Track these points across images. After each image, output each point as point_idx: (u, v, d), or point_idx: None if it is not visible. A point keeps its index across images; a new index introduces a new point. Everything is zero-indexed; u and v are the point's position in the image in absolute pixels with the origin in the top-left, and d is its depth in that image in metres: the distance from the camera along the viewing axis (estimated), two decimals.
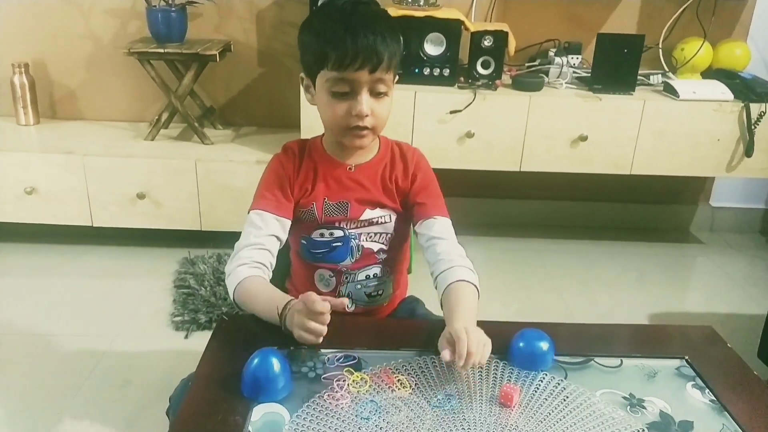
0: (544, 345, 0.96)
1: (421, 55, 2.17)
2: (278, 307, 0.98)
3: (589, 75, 2.28)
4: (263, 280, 1.08)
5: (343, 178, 1.16)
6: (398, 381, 0.91)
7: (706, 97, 2.21)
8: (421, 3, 2.22)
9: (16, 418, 1.58)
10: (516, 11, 2.48)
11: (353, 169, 1.16)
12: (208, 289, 2.09)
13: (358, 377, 0.91)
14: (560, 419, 0.85)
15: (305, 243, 1.18)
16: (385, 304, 1.26)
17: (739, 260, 2.60)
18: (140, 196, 2.24)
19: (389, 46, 1.04)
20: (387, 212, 1.17)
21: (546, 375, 0.94)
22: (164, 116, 2.38)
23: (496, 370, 0.95)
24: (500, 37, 2.18)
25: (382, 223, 1.17)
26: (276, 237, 1.13)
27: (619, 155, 2.25)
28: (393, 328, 1.15)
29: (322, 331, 0.93)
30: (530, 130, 2.20)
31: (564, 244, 2.65)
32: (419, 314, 1.27)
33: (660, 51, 2.46)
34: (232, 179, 2.23)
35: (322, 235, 1.17)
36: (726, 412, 0.89)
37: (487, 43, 2.18)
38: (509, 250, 2.58)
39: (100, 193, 2.25)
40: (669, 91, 2.26)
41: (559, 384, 0.92)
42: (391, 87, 1.08)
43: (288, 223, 1.15)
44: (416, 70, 2.18)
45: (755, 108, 2.20)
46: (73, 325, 1.97)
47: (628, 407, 0.89)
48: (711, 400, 0.91)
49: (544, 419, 0.85)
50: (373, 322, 1.21)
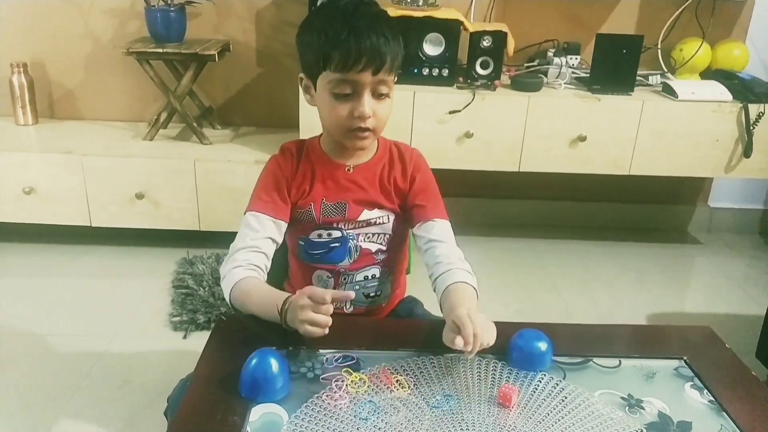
0: (542, 345, 0.96)
1: (420, 55, 2.17)
2: (278, 305, 0.97)
3: (588, 75, 2.28)
4: (259, 281, 1.08)
5: (341, 179, 1.16)
6: (397, 381, 0.91)
7: (705, 97, 2.21)
8: (420, 3, 2.22)
9: (16, 417, 1.58)
10: (515, 11, 2.48)
11: (351, 169, 1.16)
12: (206, 289, 2.09)
13: (356, 378, 0.91)
14: (559, 420, 0.85)
15: (303, 244, 1.18)
16: (383, 305, 1.26)
17: (737, 261, 2.61)
18: (139, 196, 2.24)
19: (392, 47, 1.04)
20: (385, 213, 1.17)
21: (544, 375, 0.94)
22: (163, 116, 2.38)
23: (495, 370, 0.95)
24: (499, 38, 2.18)
25: (381, 223, 1.17)
26: (272, 239, 1.12)
27: (618, 155, 2.25)
28: (392, 328, 1.14)
29: (328, 322, 0.93)
30: (529, 130, 2.20)
31: (563, 244, 2.65)
32: (418, 314, 1.27)
33: (659, 51, 2.46)
34: (230, 179, 2.23)
35: (320, 235, 1.16)
36: (724, 413, 0.89)
37: (486, 43, 2.18)
38: (509, 250, 2.58)
39: (98, 193, 2.25)
40: (668, 91, 2.26)
41: (557, 384, 0.92)
42: (392, 88, 1.08)
43: (284, 225, 1.14)
44: (415, 71, 2.18)
45: (754, 108, 2.20)
46: (72, 325, 1.97)
47: (627, 408, 0.89)
48: (709, 401, 0.91)
49: (543, 420, 0.85)
50: (372, 322, 1.21)
